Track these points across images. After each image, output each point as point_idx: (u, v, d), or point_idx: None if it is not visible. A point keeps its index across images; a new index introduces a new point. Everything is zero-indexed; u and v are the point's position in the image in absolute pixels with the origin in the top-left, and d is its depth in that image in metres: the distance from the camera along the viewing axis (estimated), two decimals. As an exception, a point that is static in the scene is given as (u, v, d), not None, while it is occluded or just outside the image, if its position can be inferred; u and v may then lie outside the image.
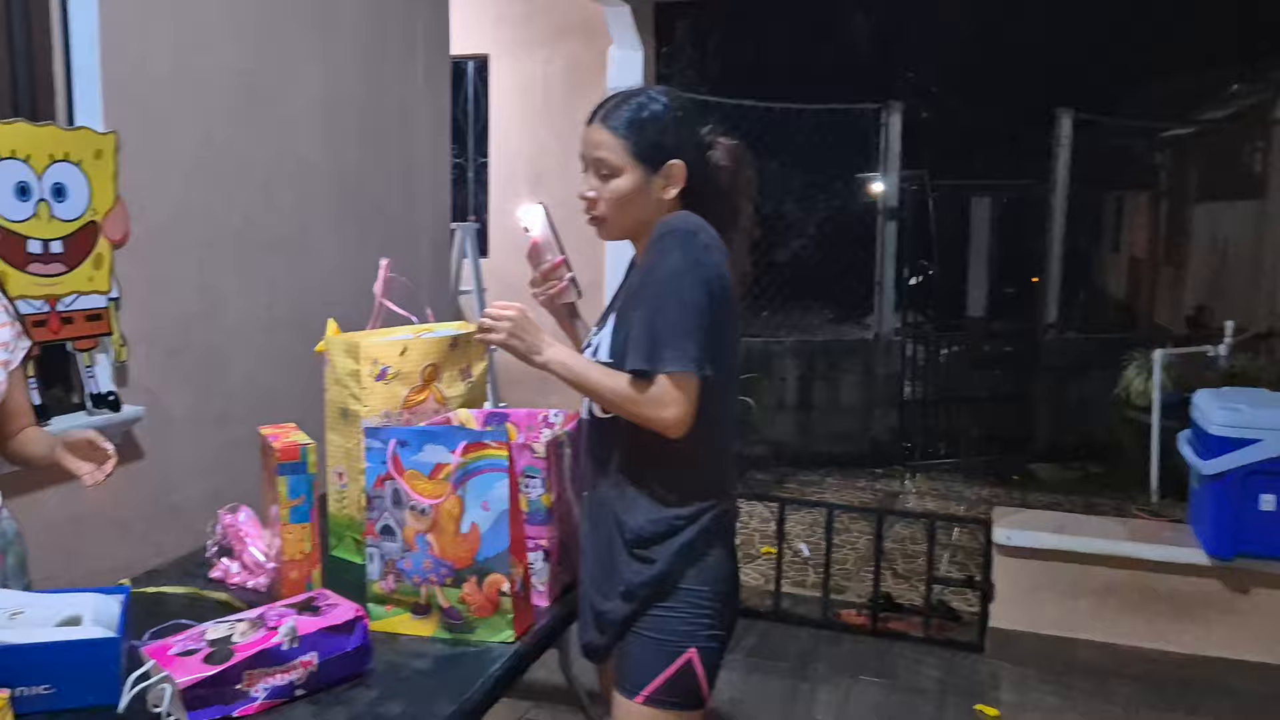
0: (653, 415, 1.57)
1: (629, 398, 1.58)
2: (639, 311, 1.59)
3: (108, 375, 2.63)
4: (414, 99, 3.97)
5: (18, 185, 2.37)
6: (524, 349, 1.64)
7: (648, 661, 1.65)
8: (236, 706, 1.41)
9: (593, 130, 1.66)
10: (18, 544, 1.80)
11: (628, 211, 1.66)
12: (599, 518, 1.72)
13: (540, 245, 1.78)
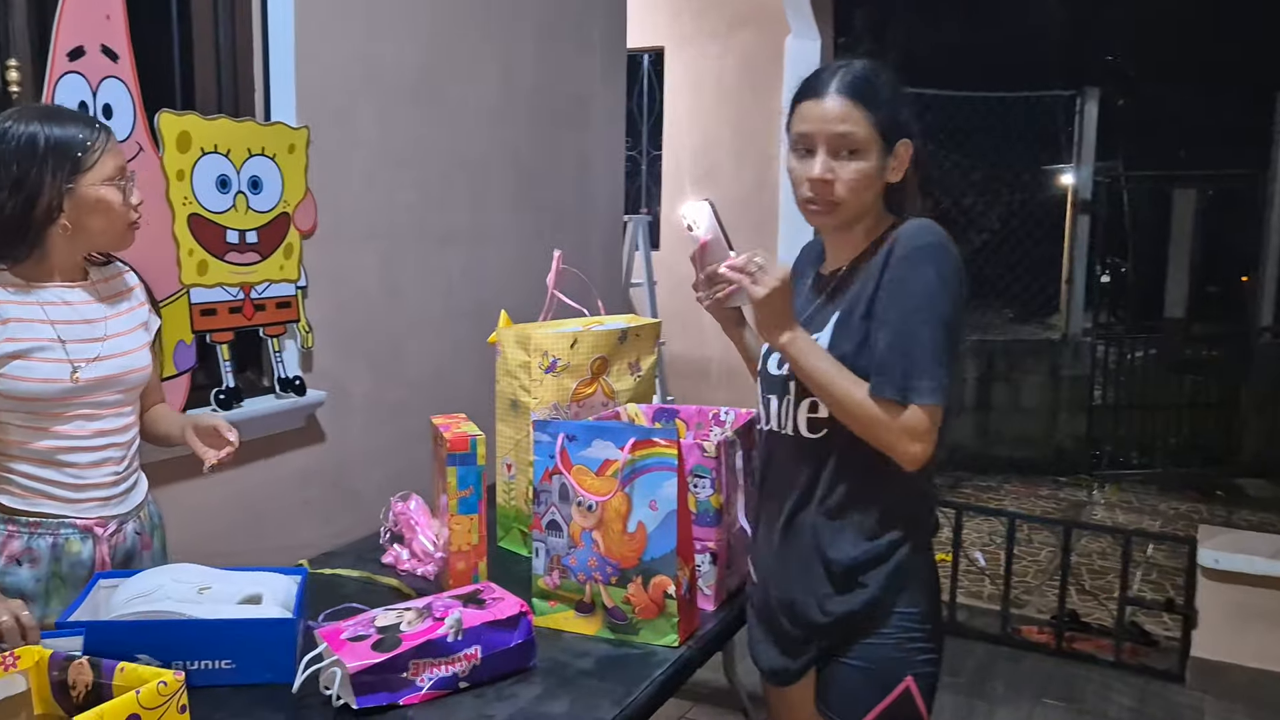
0: (900, 446, 1.43)
1: (877, 419, 1.43)
2: (887, 329, 1.43)
3: (294, 360, 2.73)
4: (590, 92, 3.98)
5: (219, 178, 2.49)
6: (772, 316, 1.46)
7: (862, 692, 1.53)
8: (402, 694, 1.42)
9: (834, 102, 1.46)
10: (162, 529, 1.87)
11: (863, 197, 1.49)
12: (794, 542, 1.57)
13: (710, 245, 1.60)
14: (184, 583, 1.56)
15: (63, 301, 1.63)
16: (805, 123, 1.49)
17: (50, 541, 1.63)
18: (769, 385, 1.62)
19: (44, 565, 1.62)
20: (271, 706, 1.40)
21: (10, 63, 2.11)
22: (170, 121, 2.35)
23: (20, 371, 1.57)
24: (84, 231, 1.61)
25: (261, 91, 2.66)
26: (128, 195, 1.64)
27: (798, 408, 1.55)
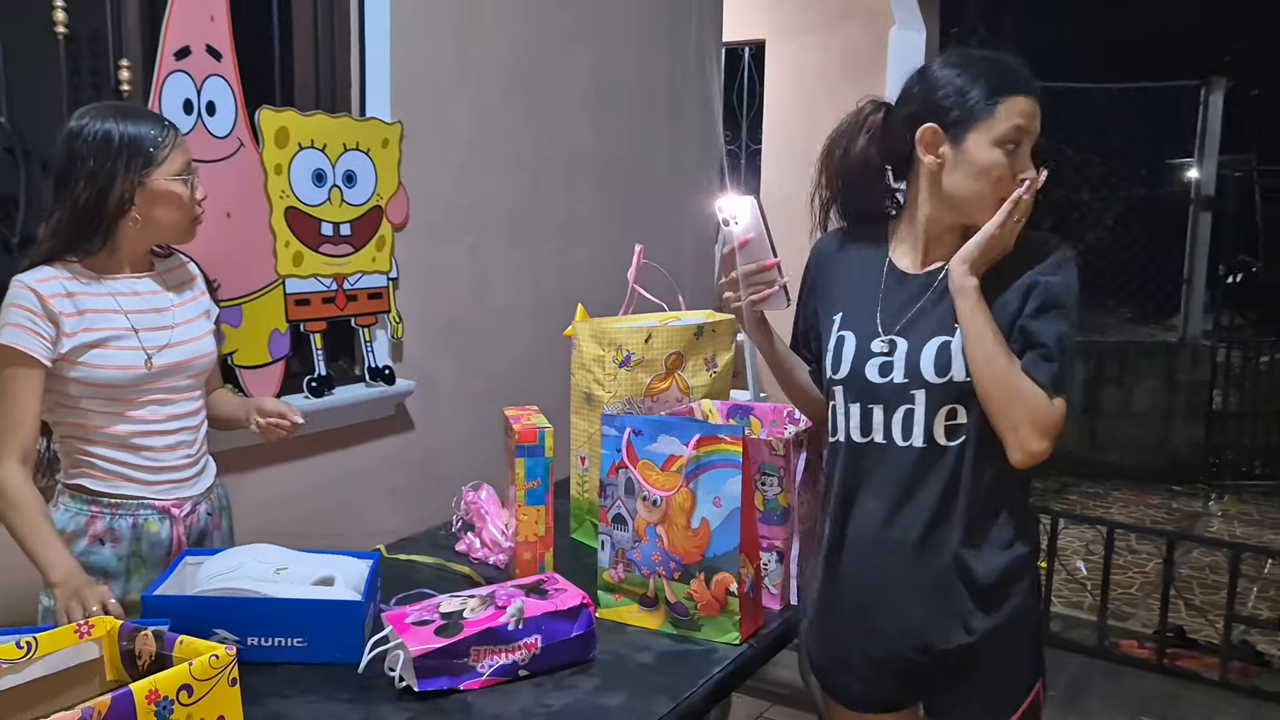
0: (1028, 432, 1.40)
1: (1039, 410, 1.39)
2: (1049, 327, 1.42)
3: (385, 350, 2.81)
4: (685, 86, 3.98)
5: (315, 172, 2.57)
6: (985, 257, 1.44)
7: (1003, 706, 1.50)
8: (463, 679, 1.45)
9: (1030, 104, 1.43)
10: (229, 511, 1.94)
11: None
12: (927, 564, 1.48)
13: (751, 244, 1.55)
14: (263, 562, 1.62)
15: (133, 292, 1.71)
16: (1023, 117, 1.43)
17: (130, 522, 1.71)
18: (866, 394, 1.51)
19: (125, 545, 1.71)
20: (338, 685, 1.45)
21: (122, 62, 2.22)
22: (269, 117, 2.44)
23: (98, 359, 1.65)
24: (153, 224, 1.69)
25: (357, 88, 2.74)
26: (194, 190, 1.72)
27: (934, 415, 1.46)
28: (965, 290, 1.43)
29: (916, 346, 1.47)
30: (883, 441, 1.50)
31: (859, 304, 1.55)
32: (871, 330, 1.52)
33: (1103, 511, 5.29)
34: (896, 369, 1.48)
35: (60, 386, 1.65)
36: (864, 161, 1.55)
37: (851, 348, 1.53)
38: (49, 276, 1.63)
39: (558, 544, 1.87)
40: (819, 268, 1.65)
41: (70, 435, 1.69)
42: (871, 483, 1.52)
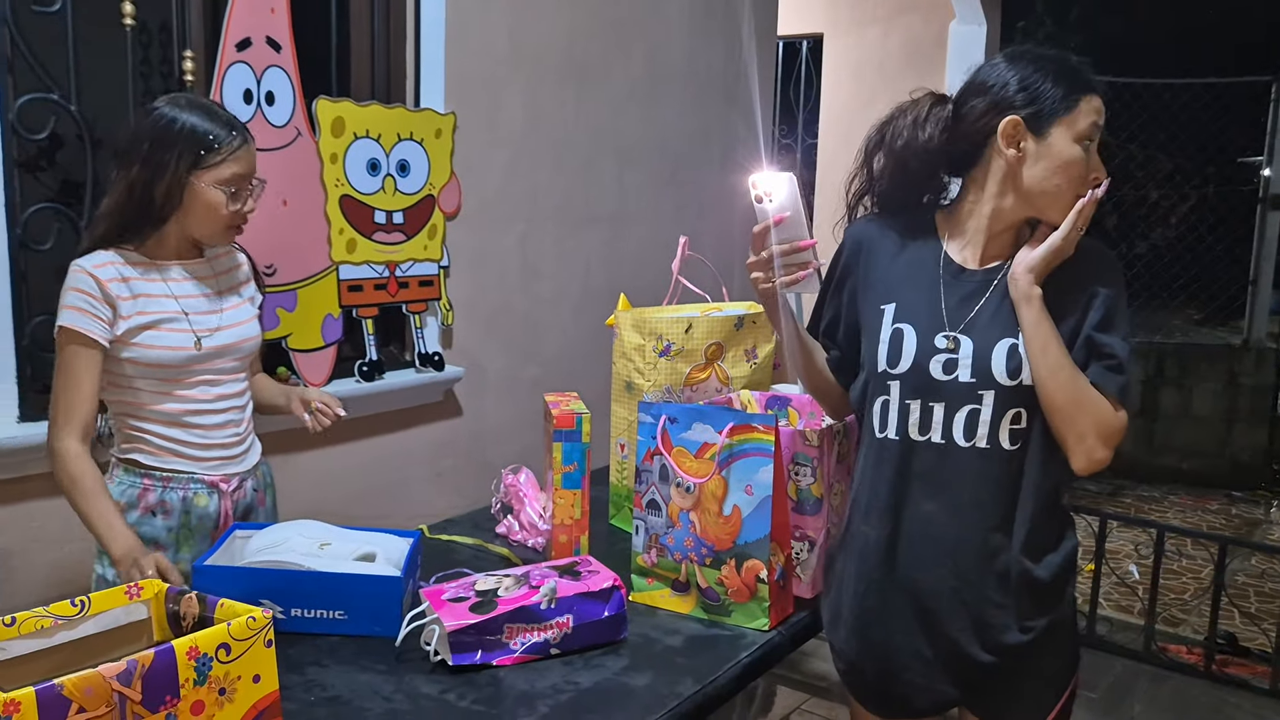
0: (1093, 443, 1.41)
1: (1106, 420, 1.41)
2: (1115, 337, 1.44)
3: (435, 337, 2.87)
4: (737, 78, 3.99)
5: (369, 161, 2.64)
6: (1047, 265, 1.44)
7: (1047, 699, 1.53)
8: (495, 655, 1.49)
9: (1098, 100, 1.45)
10: (273, 487, 2.00)
11: None
12: (988, 564, 1.47)
13: (787, 222, 1.50)
14: (308, 538, 1.68)
15: (184, 277, 1.78)
16: (1099, 115, 1.45)
17: (181, 495, 1.78)
18: (927, 390, 1.48)
19: (175, 517, 1.77)
20: (374, 656, 1.50)
21: (186, 53, 2.30)
22: (326, 108, 2.51)
23: (151, 341, 1.71)
24: (189, 220, 1.73)
25: (412, 79, 2.79)
26: (241, 202, 1.73)
27: (1000, 418, 1.45)
28: (1031, 299, 1.43)
29: (985, 346, 1.45)
30: (941, 441, 1.47)
31: (915, 297, 1.52)
32: (933, 325, 1.49)
33: (1158, 516, 5.20)
34: (962, 367, 1.46)
35: (115, 366, 1.72)
36: (925, 152, 1.51)
37: (913, 342, 1.49)
38: (106, 262, 1.70)
39: (596, 528, 1.91)
40: (858, 254, 1.60)
41: (124, 412, 1.77)
42: (929, 483, 1.49)
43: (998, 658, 1.49)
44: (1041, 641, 1.49)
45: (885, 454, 1.53)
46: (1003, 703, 1.53)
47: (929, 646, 1.52)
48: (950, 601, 1.49)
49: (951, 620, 1.50)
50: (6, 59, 2.00)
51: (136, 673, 0.89)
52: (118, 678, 0.88)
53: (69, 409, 1.67)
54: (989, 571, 1.48)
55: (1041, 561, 1.47)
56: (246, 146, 1.74)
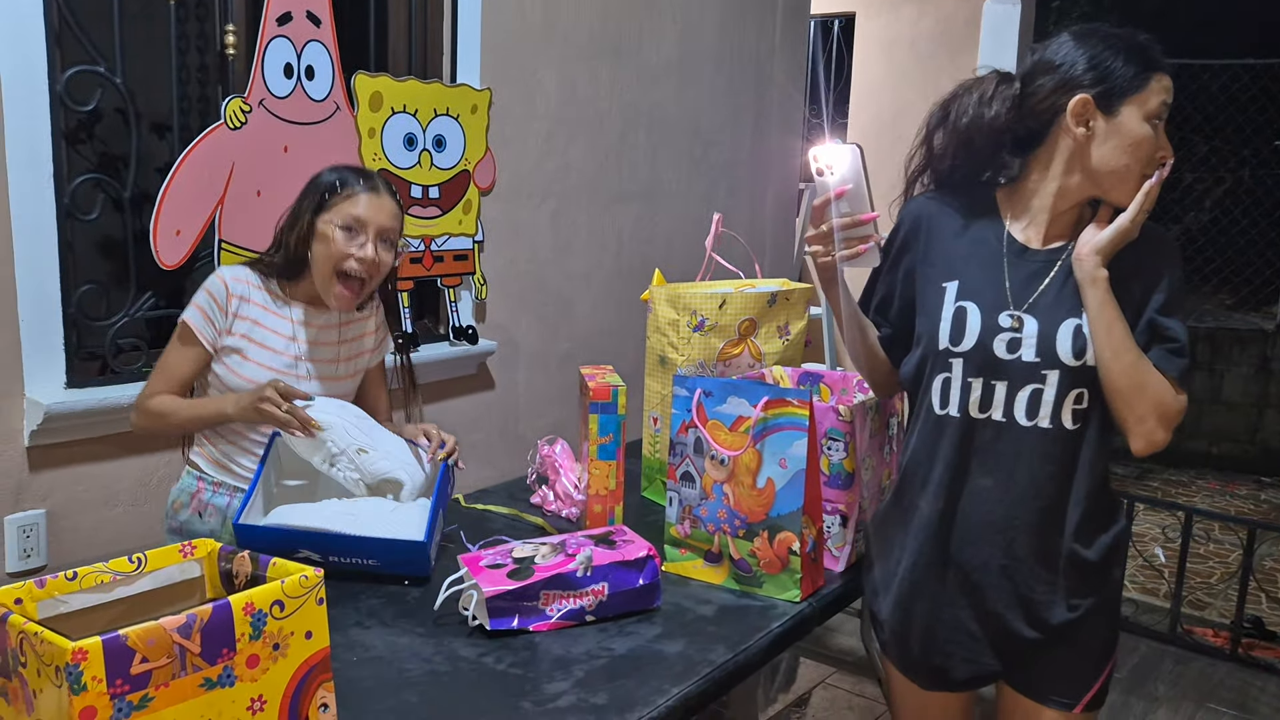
0: (1152, 424, 1.42)
1: (1167, 403, 1.42)
2: (1177, 322, 1.44)
3: (469, 310, 2.90)
4: (770, 56, 3.98)
5: (406, 136, 2.66)
6: (1113, 248, 1.44)
7: (1087, 671, 1.53)
8: (532, 621, 1.52)
9: (1166, 79, 1.45)
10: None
11: None
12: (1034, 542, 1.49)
13: (850, 195, 1.48)
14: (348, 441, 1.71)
15: (302, 322, 1.82)
16: (1168, 94, 1.45)
17: (226, 502, 1.83)
18: (990, 369, 1.48)
19: (217, 521, 1.83)
20: (415, 620, 1.54)
21: (228, 28, 2.33)
22: (364, 82, 2.53)
23: (235, 365, 1.78)
24: (314, 264, 1.77)
25: (449, 54, 2.82)
26: (352, 242, 1.73)
27: (1064, 397, 1.45)
28: (1097, 280, 1.43)
29: (1050, 326, 1.45)
30: (1002, 419, 1.48)
31: (978, 274, 1.51)
32: (997, 304, 1.49)
33: (1186, 500, 5.18)
34: (1026, 346, 1.45)
35: (207, 372, 1.80)
36: (991, 130, 1.50)
37: (977, 320, 1.49)
38: (244, 278, 1.78)
39: (628, 501, 1.93)
40: (917, 231, 1.59)
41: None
42: (987, 460, 1.49)
43: (1042, 634, 1.51)
44: (1087, 620, 1.50)
45: (944, 431, 1.53)
46: (1044, 678, 1.55)
47: (975, 621, 1.54)
48: (999, 578, 1.51)
49: (999, 597, 1.52)
50: (54, 31, 2.03)
51: (195, 626, 0.93)
52: (178, 630, 0.92)
53: (161, 381, 1.77)
54: (1040, 550, 1.49)
55: (1092, 543, 1.48)
56: (372, 194, 1.76)
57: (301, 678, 1.02)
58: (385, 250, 1.77)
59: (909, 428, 1.63)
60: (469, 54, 2.84)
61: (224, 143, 2.28)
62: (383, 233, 1.76)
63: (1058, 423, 1.46)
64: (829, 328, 4.73)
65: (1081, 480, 1.47)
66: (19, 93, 1.98)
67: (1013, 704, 1.59)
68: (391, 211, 1.78)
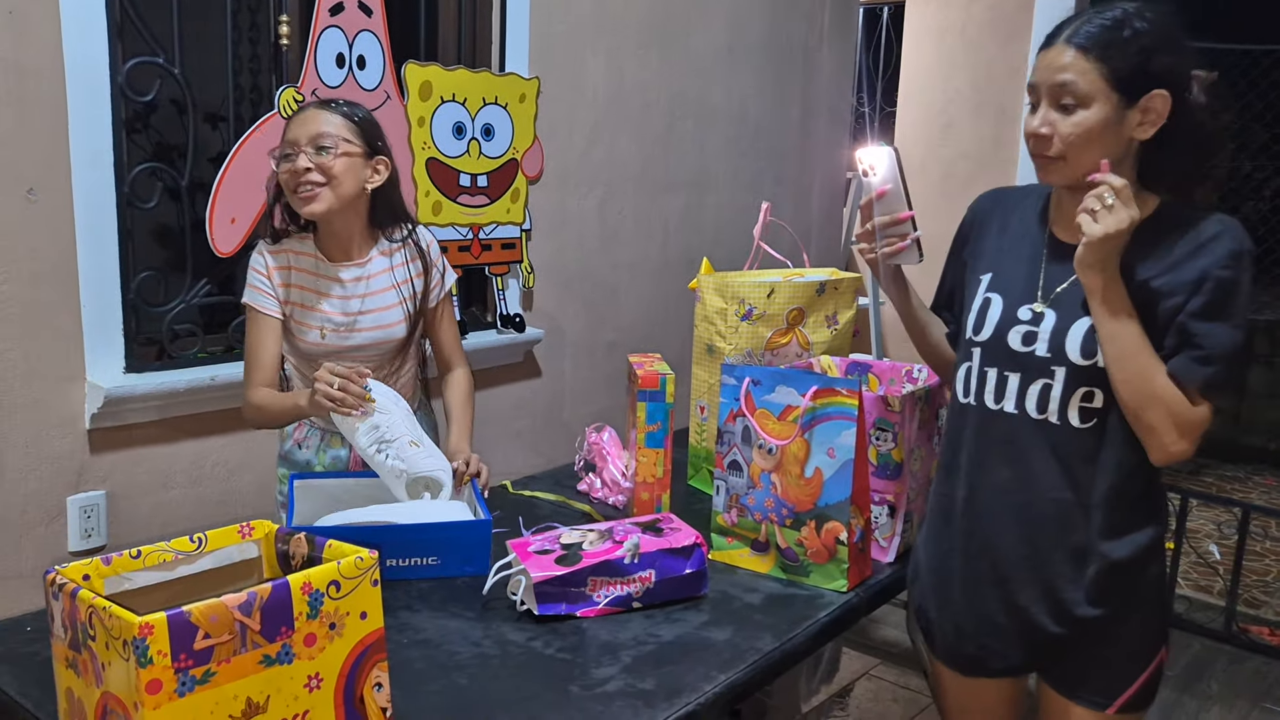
0: (1168, 436, 1.36)
1: (1167, 400, 1.35)
2: (1216, 324, 1.34)
3: (516, 299, 2.92)
4: (818, 44, 3.95)
5: (455, 125, 2.68)
6: (1098, 256, 1.35)
7: (1125, 669, 1.50)
8: (579, 607, 1.53)
9: (1055, 52, 1.37)
10: (434, 433, 2.07)
11: (1091, 151, 1.37)
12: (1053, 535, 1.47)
13: (888, 195, 1.55)
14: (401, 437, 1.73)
15: (335, 278, 1.85)
16: (1034, 73, 1.41)
17: (320, 434, 1.97)
18: (1005, 360, 1.49)
19: (311, 452, 1.97)
20: (463, 604, 1.56)
21: (282, 18, 2.36)
22: (415, 72, 2.55)
23: (294, 327, 1.85)
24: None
25: (498, 44, 2.83)
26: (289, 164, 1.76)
27: (1070, 394, 1.43)
28: (1093, 291, 1.38)
29: (1065, 322, 1.44)
30: (1014, 411, 1.48)
31: (1011, 267, 1.51)
32: (1020, 297, 1.49)
33: (1241, 496, 5.07)
34: (1040, 340, 1.45)
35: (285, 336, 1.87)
36: None
37: (997, 311, 1.50)
38: (280, 249, 1.84)
39: (674, 489, 1.94)
40: (974, 224, 1.61)
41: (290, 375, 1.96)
42: (1004, 451, 1.50)
43: (1068, 629, 1.49)
44: (1120, 617, 1.47)
45: (965, 419, 1.55)
46: (1078, 674, 1.53)
47: (1003, 613, 1.53)
48: (1022, 570, 1.50)
49: (1023, 589, 1.51)
50: (116, 24, 2.07)
51: (256, 604, 0.95)
52: (239, 607, 0.94)
53: (250, 372, 1.83)
54: (1061, 544, 1.47)
55: (1120, 540, 1.45)
56: (296, 116, 1.80)
57: (357, 657, 1.04)
58: (319, 155, 1.74)
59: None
60: (518, 43, 2.86)
61: (277, 132, 2.30)
62: (312, 140, 1.74)
63: (1065, 420, 1.44)
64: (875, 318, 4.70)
65: (1103, 479, 1.43)
66: (82, 84, 2.02)
67: (1047, 699, 1.57)
68: (316, 119, 1.76)
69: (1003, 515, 1.51)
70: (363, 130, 1.80)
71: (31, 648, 1.36)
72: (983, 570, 1.54)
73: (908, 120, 6.15)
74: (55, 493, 2.08)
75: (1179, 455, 1.38)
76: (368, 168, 1.81)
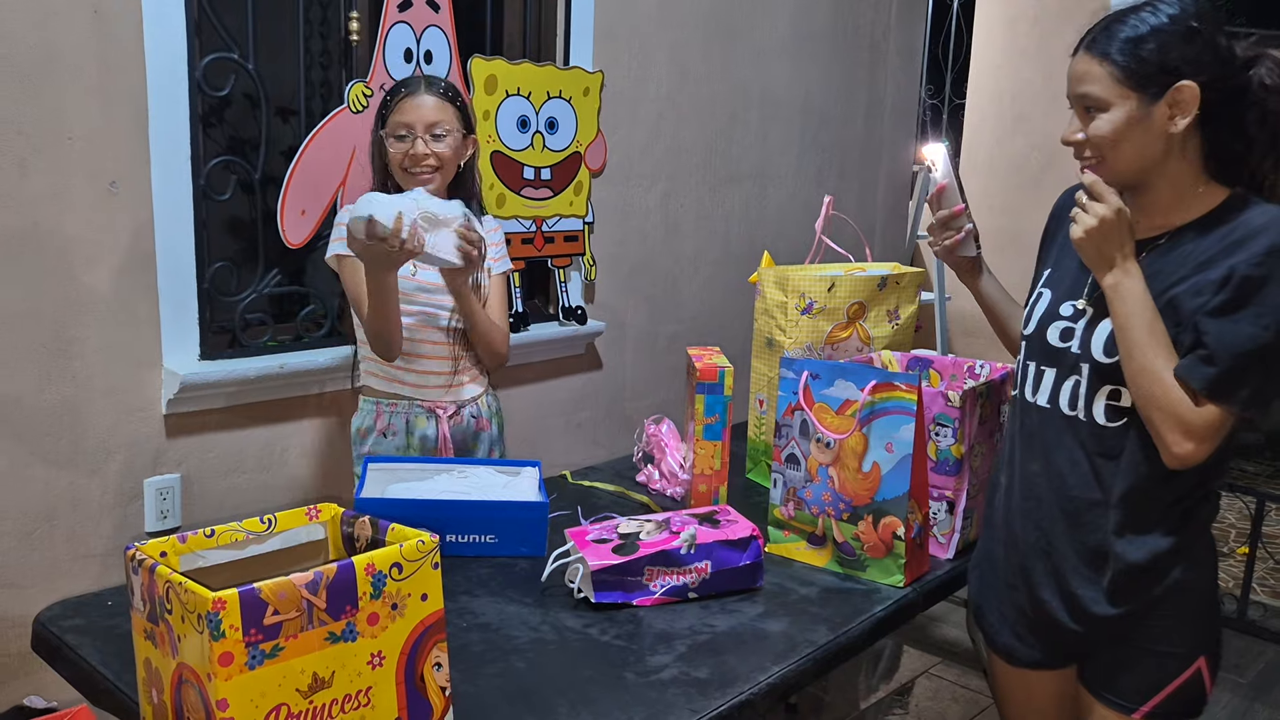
0: (1170, 438, 1.34)
1: (1166, 400, 1.32)
2: (1231, 323, 1.30)
3: (578, 291, 2.95)
4: (885, 35, 3.91)
5: (519, 119, 2.71)
6: (1094, 255, 1.39)
7: (1154, 674, 1.47)
8: (636, 596, 1.55)
9: (1077, 62, 1.39)
10: (499, 416, 2.17)
11: (1125, 151, 1.37)
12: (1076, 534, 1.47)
13: (946, 189, 1.62)
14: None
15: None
16: (1066, 83, 1.43)
17: (405, 419, 2.02)
18: (1043, 354, 1.50)
19: (401, 438, 2.02)
20: (521, 590, 1.58)
21: (352, 14, 2.40)
22: (480, 66, 2.59)
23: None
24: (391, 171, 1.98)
25: (562, 37, 2.85)
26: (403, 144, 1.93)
27: (1094, 392, 1.43)
28: (1106, 288, 1.39)
29: (1096, 319, 1.43)
30: (1047, 406, 1.49)
31: (1066, 264, 1.52)
32: (1066, 293, 1.49)
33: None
34: (1075, 337, 1.45)
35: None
36: None
37: (1043, 306, 1.52)
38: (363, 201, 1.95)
39: (732, 482, 1.95)
40: (1052, 223, 1.63)
41: (361, 340, 2.03)
42: (1036, 444, 1.51)
43: (1086, 627, 1.48)
44: (1140, 619, 1.45)
45: (1014, 410, 1.60)
46: (1106, 673, 1.51)
47: (1028, 604, 1.56)
48: (1041, 563, 1.52)
49: (1042, 582, 1.52)
50: (194, 21, 2.13)
51: (322, 583, 0.98)
52: (306, 586, 0.97)
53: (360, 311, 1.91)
54: (1078, 542, 1.47)
55: (1135, 541, 1.42)
56: (410, 97, 1.93)
57: (418, 637, 1.07)
58: (436, 143, 1.92)
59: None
60: (582, 37, 2.88)
61: (346, 126, 2.36)
62: (429, 127, 1.91)
63: (1090, 417, 1.44)
64: (941, 314, 4.64)
65: (1123, 478, 1.42)
66: (162, 80, 2.09)
67: (1083, 699, 1.56)
68: (432, 105, 1.92)
69: (1029, 508, 1.53)
70: (465, 113, 1.99)
71: (112, 621, 1.42)
72: (1014, 561, 1.57)
73: (977, 112, 6.05)
74: (134, 475, 2.16)
75: (1188, 459, 1.34)
76: (466, 145, 2.00)
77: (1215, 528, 2.15)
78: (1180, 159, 1.39)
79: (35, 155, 1.94)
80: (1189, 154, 1.39)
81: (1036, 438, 1.52)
